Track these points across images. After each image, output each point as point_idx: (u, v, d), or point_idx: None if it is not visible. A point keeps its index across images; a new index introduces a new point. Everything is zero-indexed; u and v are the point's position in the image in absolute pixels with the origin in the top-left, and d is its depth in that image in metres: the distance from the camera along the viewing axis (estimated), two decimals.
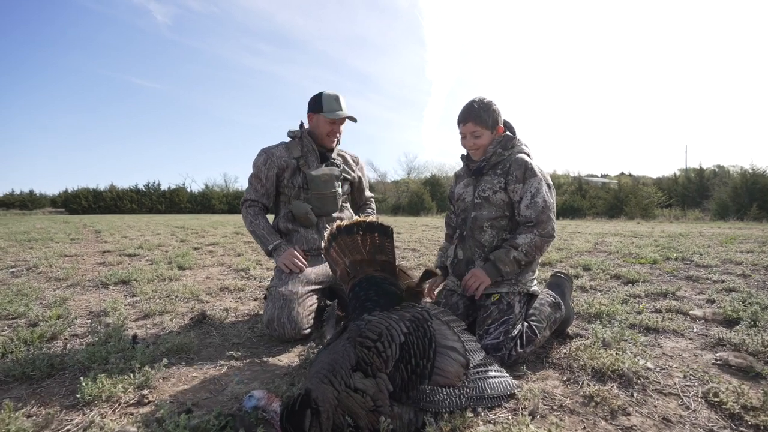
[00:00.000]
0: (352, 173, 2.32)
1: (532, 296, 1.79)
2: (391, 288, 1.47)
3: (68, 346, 1.82)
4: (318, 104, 2.11)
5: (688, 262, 3.79)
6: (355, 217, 1.59)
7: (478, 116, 1.80)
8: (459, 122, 1.85)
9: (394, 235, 2.08)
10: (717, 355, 1.65)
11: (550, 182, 1.80)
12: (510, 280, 1.74)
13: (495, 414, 1.24)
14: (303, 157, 2.15)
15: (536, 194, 1.72)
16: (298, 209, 2.12)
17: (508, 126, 1.94)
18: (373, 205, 2.56)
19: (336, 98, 2.11)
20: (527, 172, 1.74)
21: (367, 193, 2.51)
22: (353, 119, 2.16)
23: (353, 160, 2.36)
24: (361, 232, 1.55)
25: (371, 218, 1.58)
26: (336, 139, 2.19)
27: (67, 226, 9.94)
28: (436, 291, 2.02)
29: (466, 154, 1.97)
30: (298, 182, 2.14)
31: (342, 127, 2.20)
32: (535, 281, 1.83)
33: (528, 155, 1.85)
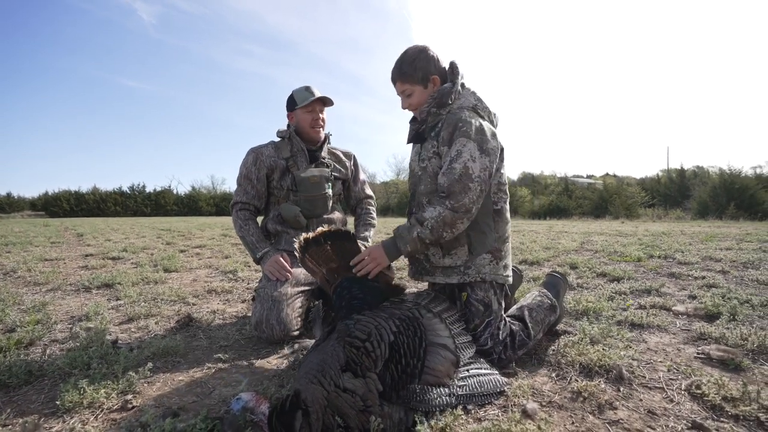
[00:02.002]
0: (343, 170, 2.28)
1: (500, 284, 1.59)
2: (374, 284, 1.46)
3: (47, 351, 1.76)
4: (292, 101, 2.10)
5: (671, 260, 3.88)
6: (319, 228, 1.56)
7: (401, 72, 1.57)
8: (391, 82, 1.63)
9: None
10: (699, 348, 1.70)
11: (489, 147, 1.45)
12: (459, 267, 1.54)
13: (485, 411, 1.25)
14: (292, 157, 2.10)
15: (456, 158, 1.43)
16: (287, 212, 2.08)
17: (453, 72, 1.59)
18: (373, 208, 2.40)
19: (306, 88, 2.08)
20: (456, 131, 1.46)
21: (367, 191, 2.41)
22: (328, 100, 2.09)
23: (345, 156, 2.31)
24: (329, 242, 1.54)
25: (333, 227, 1.59)
26: (321, 128, 2.12)
27: (48, 230, 9.65)
28: None
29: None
30: (287, 184, 2.09)
31: (324, 116, 2.13)
32: (505, 268, 1.60)
33: (471, 108, 1.55)
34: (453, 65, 1.61)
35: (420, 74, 1.55)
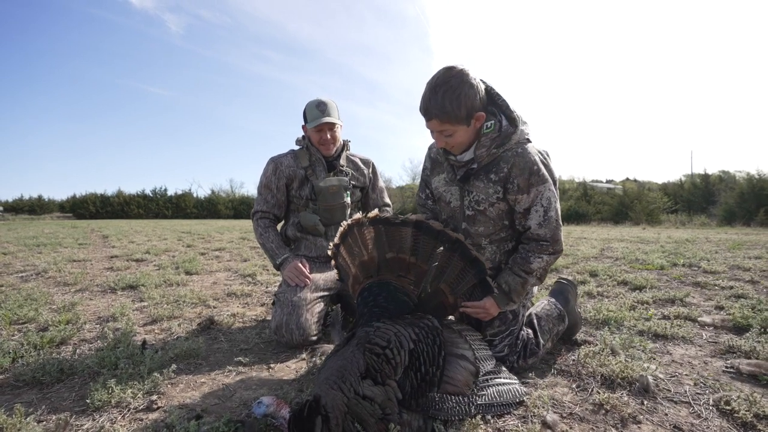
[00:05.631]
0: (361, 178, 2.29)
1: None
2: (403, 297, 1.42)
3: (78, 351, 1.83)
4: (304, 115, 2.10)
5: (696, 268, 3.76)
6: (357, 215, 1.46)
7: (442, 111, 1.31)
8: (422, 115, 1.39)
9: None
10: (728, 362, 1.64)
11: (555, 177, 1.49)
12: None
13: (504, 421, 1.24)
14: (311, 166, 2.13)
15: (549, 208, 1.42)
16: (306, 221, 2.12)
17: (494, 101, 1.43)
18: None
19: (318, 104, 2.04)
20: (532, 177, 1.39)
21: (386, 199, 2.41)
22: (332, 124, 2.04)
23: (364, 163, 2.32)
24: (370, 227, 1.43)
25: (382, 213, 1.48)
26: (331, 146, 2.10)
27: (75, 231, 10.03)
28: None
29: None
30: (306, 193, 2.12)
31: (337, 133, 2.11)
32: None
33: (527, 141, 1.46)
34: (489, 91, 1.44)
35: (465, 112, 1.32)
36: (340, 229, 1.48)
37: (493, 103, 1.46)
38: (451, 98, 1.31)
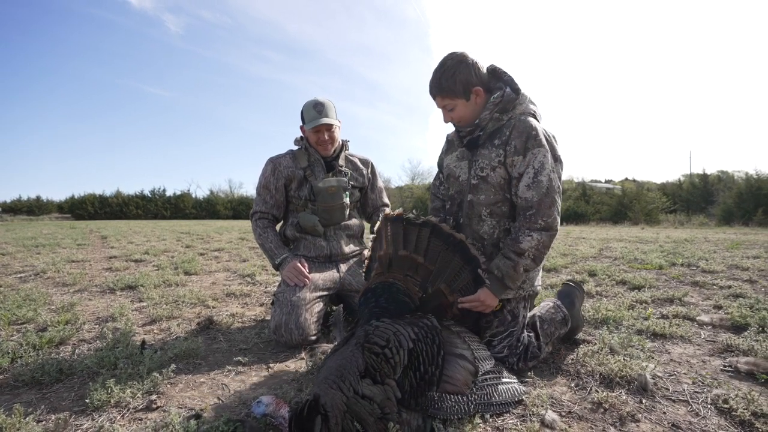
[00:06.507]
0: (360, 178, 2.29)
1: (534, 294, 1.64)
2: (404, 298, 1.43)
3: (77, 351, 1.83)
4: (302, 116, 2.10)
5: (694, 268, 3.77)
6: (398, 210, 1.52)
7: (440, 87, 1.51)
8: (430, 96, 1.58)
9: None
10: (726, 361, 1.64)
11: (559, 154, 1.51)
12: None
13: (503, 420, 1.24)
14: (309, 167, 2.12)
15: (540, 170, 1.41)
16: (305, 221, 2.11)
17: (497, 76, 1.57)
18: None
19: (315, 105, 2.03)
20: (530, 140, 1.43)
21: (384, 199, 2.40)
22: (329, 125, 2.03)
23: (363, 163, 2.31)
24: (434, 234, 1.46)
25: (412, 215, 1.51)
26: (330, 147, 2.10)
27: (74, 232, 10.02)
28: None
29: None
30: (305, 194, 2.12)
31: (335, 133, 2.10)
32: (540, 278, 1.66)
33: (534, 116, 1.53)
34: (494, 70, 1.57)
35: (461, 87, 1.49)
36: (377, 225, 1.56)
37: (500, 80, 1.57)
38: (447, 76, 1.50)
